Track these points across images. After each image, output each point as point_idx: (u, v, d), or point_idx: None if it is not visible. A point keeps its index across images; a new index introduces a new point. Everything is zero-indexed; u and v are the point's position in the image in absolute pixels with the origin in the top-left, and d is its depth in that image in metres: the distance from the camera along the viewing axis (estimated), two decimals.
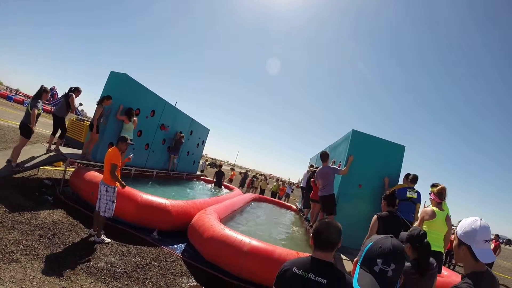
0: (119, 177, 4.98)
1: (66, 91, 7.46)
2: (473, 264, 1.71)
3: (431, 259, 2.75)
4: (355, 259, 1.44)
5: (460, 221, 1.83)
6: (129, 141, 5.20)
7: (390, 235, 1.45)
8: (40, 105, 6.41)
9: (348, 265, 5.34)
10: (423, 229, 4.05)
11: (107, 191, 4.85)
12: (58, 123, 7.38)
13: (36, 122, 6.42)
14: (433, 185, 4.94)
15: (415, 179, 5.96)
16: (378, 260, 1.29)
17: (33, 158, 6.74)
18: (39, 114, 6.42)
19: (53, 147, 7.47)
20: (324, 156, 6.69)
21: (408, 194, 5.86)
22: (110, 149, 5.05)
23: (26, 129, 6.33)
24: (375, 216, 4.25)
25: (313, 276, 1.69)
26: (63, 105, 7.36)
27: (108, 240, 4.88)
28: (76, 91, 7.44)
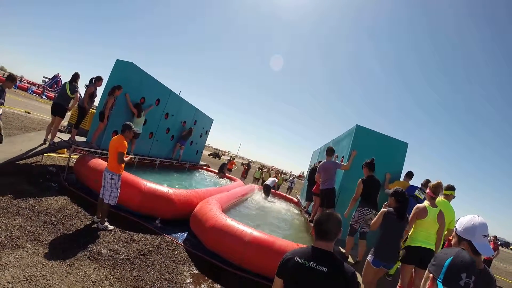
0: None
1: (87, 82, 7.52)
2: None
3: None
4: (430, 275, 1.47)
5: (458, 220, 1.89)
6: (134, 129, 5.20)
7: (462, 247, 1.49)
8: (78, 88, 7.13)
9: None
10: (414, 226, 4.15)
11: (112, 178, 4.88)
12: (82, 114, 7.50)
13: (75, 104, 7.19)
14: (450, 188, 4.97)
15: (428, 184, 6.09)
16: (462, 274, 1.32)
17: (37, 145, 6.79)
18: (80, 96, 7.15)
19: (59, 137, 7.54)
20: (329, 151, 6.71)
21: (417, 193, 5.92)
22: (115, 137, 5.02)
23: (61, 110, 6.91)
24: (360, 180, 5.49)
25: (314, 264, 1.76)
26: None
27: (111, 227, 4.94)
28: (97, 80, 7.44)
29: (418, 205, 4.32)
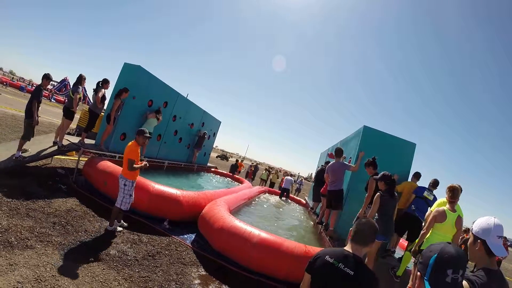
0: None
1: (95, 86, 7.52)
2: (486, 261, 1.78)
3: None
4: (417, 274, 1.46)
5: (474, 221, 1.91)
6: (147, 134, 5.17)
7: (448, 241, 1.49)
8: (80, 90, 7.07)
9: None
10: (432, 230, 4.10)
11: (125, 184, 4.90)
12: (93, 118, 7.53)
13: (77, 106, 7.11)
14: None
15: (436, 184, 6.05)
16: (448, 271, 1.31)
17: (47, 147, 6.87)
18: (80, 98, 7.07)
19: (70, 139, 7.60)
20: (338, 152, 6.64)
21: (425, 194, 5.85)
22: (129, 143, 5.03)
23: (69, 112, 7.04)
24: (371, 178, 5.57)
25: (343, 266, 1.83)
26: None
27: (120, 228, 4.96)
28: (104, 83, 7.46)
29: (437, 208, 4.26)
